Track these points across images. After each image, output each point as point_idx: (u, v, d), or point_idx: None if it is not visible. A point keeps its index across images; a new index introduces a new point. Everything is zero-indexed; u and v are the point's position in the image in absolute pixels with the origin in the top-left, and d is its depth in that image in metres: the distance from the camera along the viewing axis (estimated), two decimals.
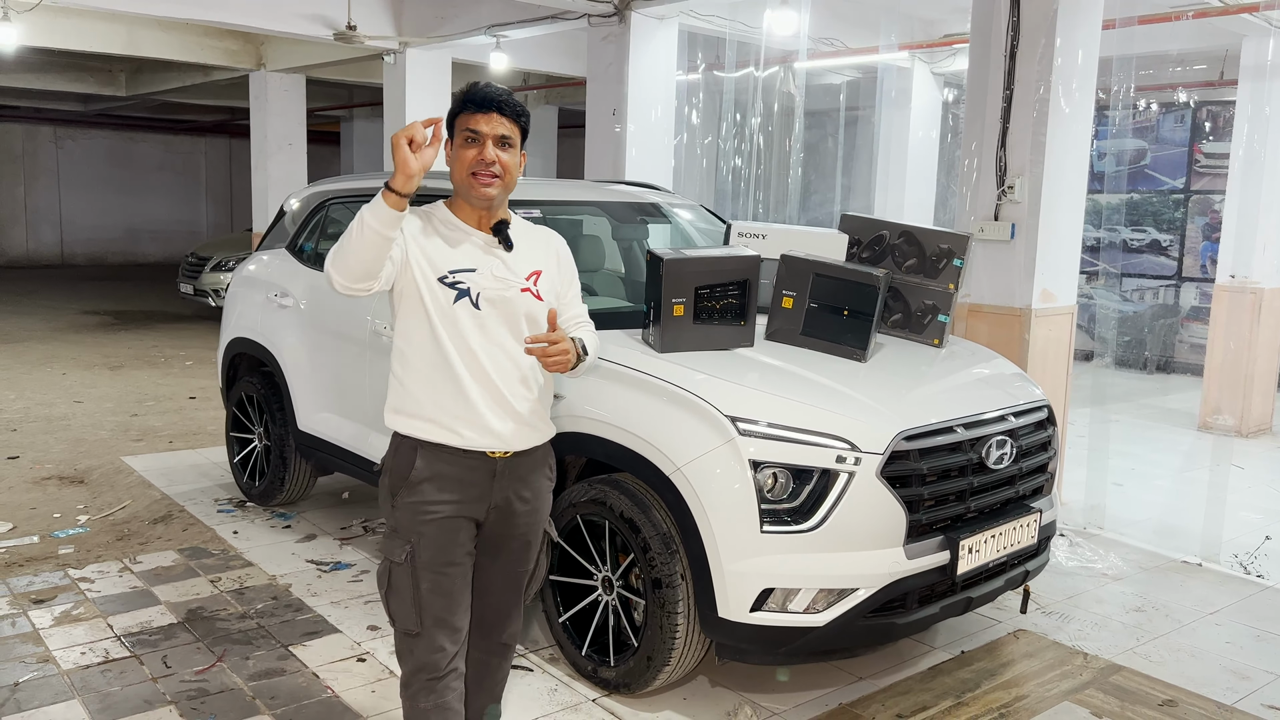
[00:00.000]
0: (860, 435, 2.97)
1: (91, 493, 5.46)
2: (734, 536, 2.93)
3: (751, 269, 3.37)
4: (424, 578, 2.38)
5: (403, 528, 2.40)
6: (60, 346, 10.29)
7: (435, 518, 2.38)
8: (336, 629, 3.76)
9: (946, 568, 3.11)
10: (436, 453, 2.39)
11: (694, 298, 3.28)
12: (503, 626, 2.64)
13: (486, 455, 2.41)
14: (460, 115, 2.39)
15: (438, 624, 2.39)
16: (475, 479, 2.41)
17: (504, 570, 2.57)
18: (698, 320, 3.31)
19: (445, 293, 2.37)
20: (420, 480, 2.38)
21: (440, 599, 2.39)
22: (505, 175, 2.39)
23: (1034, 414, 3.50)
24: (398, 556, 2.39)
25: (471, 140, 2.37)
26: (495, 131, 2.37)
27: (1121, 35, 6.20)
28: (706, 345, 3.34)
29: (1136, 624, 4.03)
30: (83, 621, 3.77)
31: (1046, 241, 5.23)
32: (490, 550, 2.53)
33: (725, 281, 3.32)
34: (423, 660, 2.40)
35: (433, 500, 2.38)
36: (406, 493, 2.39)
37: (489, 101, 2.36)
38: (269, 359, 4.95)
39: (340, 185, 5.04)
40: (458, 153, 2.39)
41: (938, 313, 3.78)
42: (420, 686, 2.41)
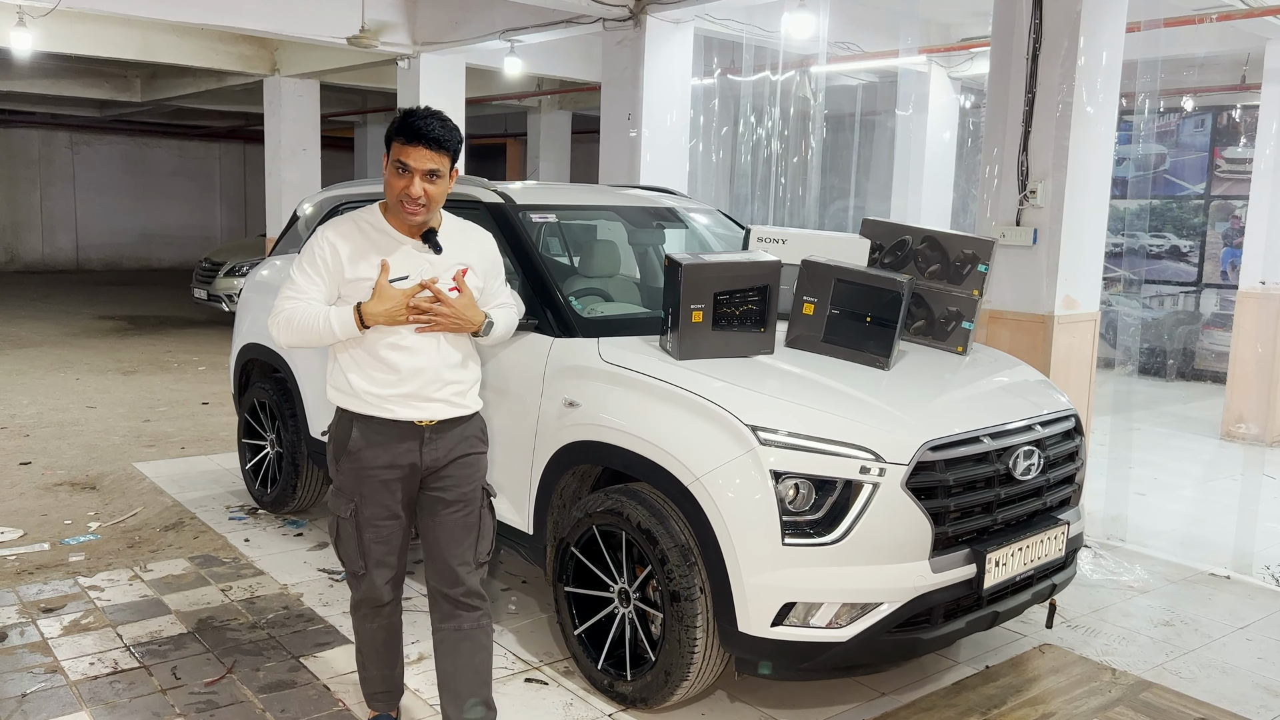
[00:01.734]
0: (885, 445, 2.89)
1: (103, 499, 5.42)
2: (755, 549, 2.86)
3: (772, 275, 3.29)
4: (365, 529, 2.77)
5: (346, 488, 2.78)
6: (74, 351, 10.29)
7: (373, 479, 2.73)
8: (348, 640, 3.70)
9: (973, 581, 3.03)
10: (370, 424, 2.73)
11: (713, 304, 3.21)
12: (456, 581, 2.83)
13: (414, 424, 2.73)
14: (393, 142, 2.64)
15: (379, 565, 2.82)
16: (405, 445, 2.74)
17: (446, 526, 2.82)
18: (717, 327, 3.24)
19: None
20: (359, 448, 2.73)
21: (380, 545, 2.79)
22: (431, 204, 2.68)
23: (1061, 423, 3.42)
24: (344, 513, 2.78)
25: (402, 170, 2.63)
26: (422, 166, 2.62)
27: (1143, 39, 6.10)
28: (726, 352, 3.26)
29: (1165, 638, 3.93)
30: (92, 631, 3.72)
31: (1069, 247, 5.14)
32: (430, 510, 2.82)
33: (745, 287, 3.25)
34: (368, 594, 2.86)
35: (370, 465, 2.73)
36: (348, 459, 2.74)
37: (418, 136, 2.60)
38: (281, 365, 4.91)
39: (354, 190, 4.99)
40: (389, 177, 2.66)
41: (961, 319, 3.70)
42: (367, 612, 2.90)
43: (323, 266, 2.71)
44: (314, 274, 2.72)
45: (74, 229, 20.78)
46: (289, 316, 2.70)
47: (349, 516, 2.77)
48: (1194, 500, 6.08)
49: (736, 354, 3.28)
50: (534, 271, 3.67)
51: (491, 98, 12.87)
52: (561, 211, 4.24)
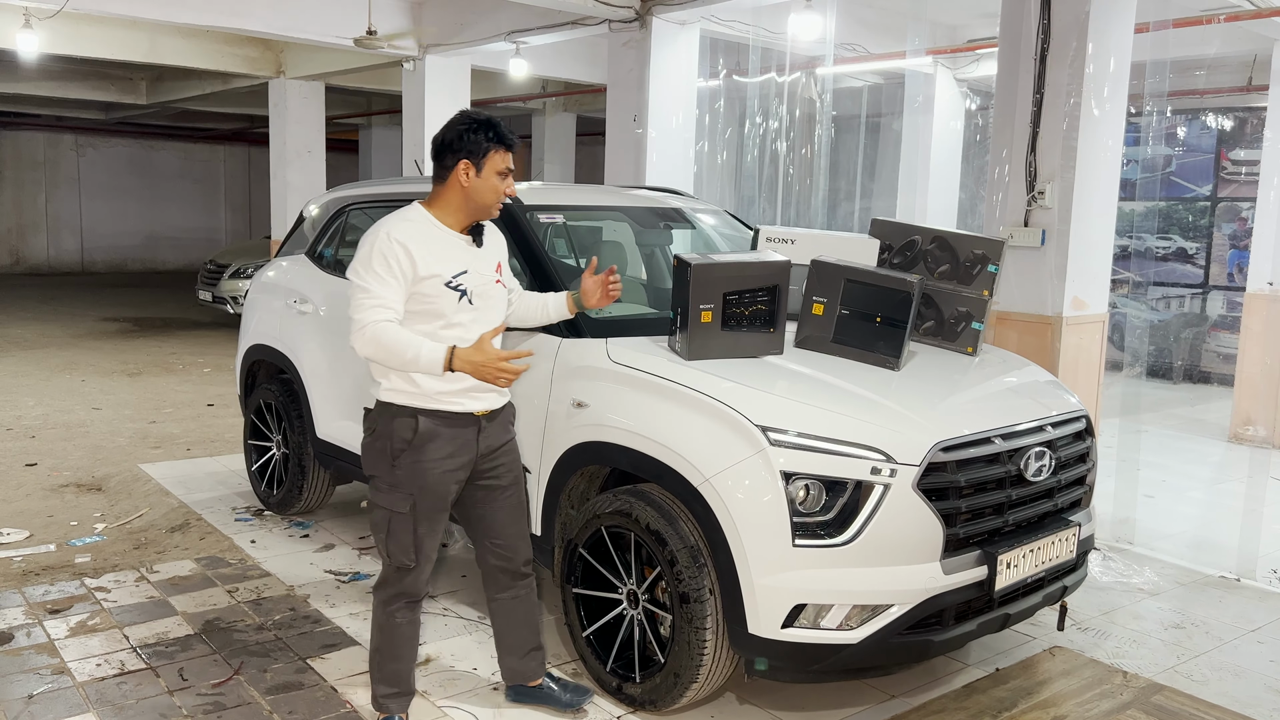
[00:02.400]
0: (896, 446, 2.88)
1: (109, 500, 5.41)
2: (765, 550, 2.84)
3: (781, 274, 3.27)
4: (421, 522, 2.87)
5: (404, 483, 2.85)
6: (80, 353, 10.30)
7: (433, 473, 2.85)
8: (355, 641, 3.69)
9: (984, 583, 3.01)
10: (435, 418, 2.83)
11: (722, 304, 3.19)
12: (520, 554, 3.11)
13: (473, 415, 2.89)
14: (495, 151, 2.83)
15: (427, 559, 2.94)
16: (465, 436, 2.89)
17: (505, 505, 3.05)
18: (726, 327, 3.22)
19: (450, 294, 2.83)
20: (423, 442, 2.82)
21: (431, 539, 2.92)
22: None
23: (1072, 424, 3.40)
24: (403, 507, 2.85)
25: (505, 174, 2.87)
26: (515, 166, 2.90)
27: (1150, 40, 6.09)
28: (735, 353, 3.24)
29: (1176, 641, 3.91)
30: (99, 632, 3.71)
31: (1078, 248, 5.13)
32: (487, 499, 3.02)
33: (754, 287, 3.23)
34: (409, 588, 2.96)
35: (433, 458, 2.84)
36: (410, 454, 2.82)
37: (512, 144, 2.88)
38: (288, 366, 4.90)
39: (360, 191, 4.99)
40: (488, 181, 2.84)
41: (971, 320, 3.68)
42: (401, 606, 2.98)
43: (397, 269, 2.75)
44: (390, 278, 2.75)
45: (79, 231, 20.82)
46: (376, 335, 2.72)
47: (408, 511, 2.85)
48: (1203, 503, 6.05)
49: (746, 354, 3.26)
50: (541, 272, 3.66)
51: (496, 100, 12.88)
52: (568, 212, 4.23)
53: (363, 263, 2.78)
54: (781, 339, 3.32)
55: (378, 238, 2.78)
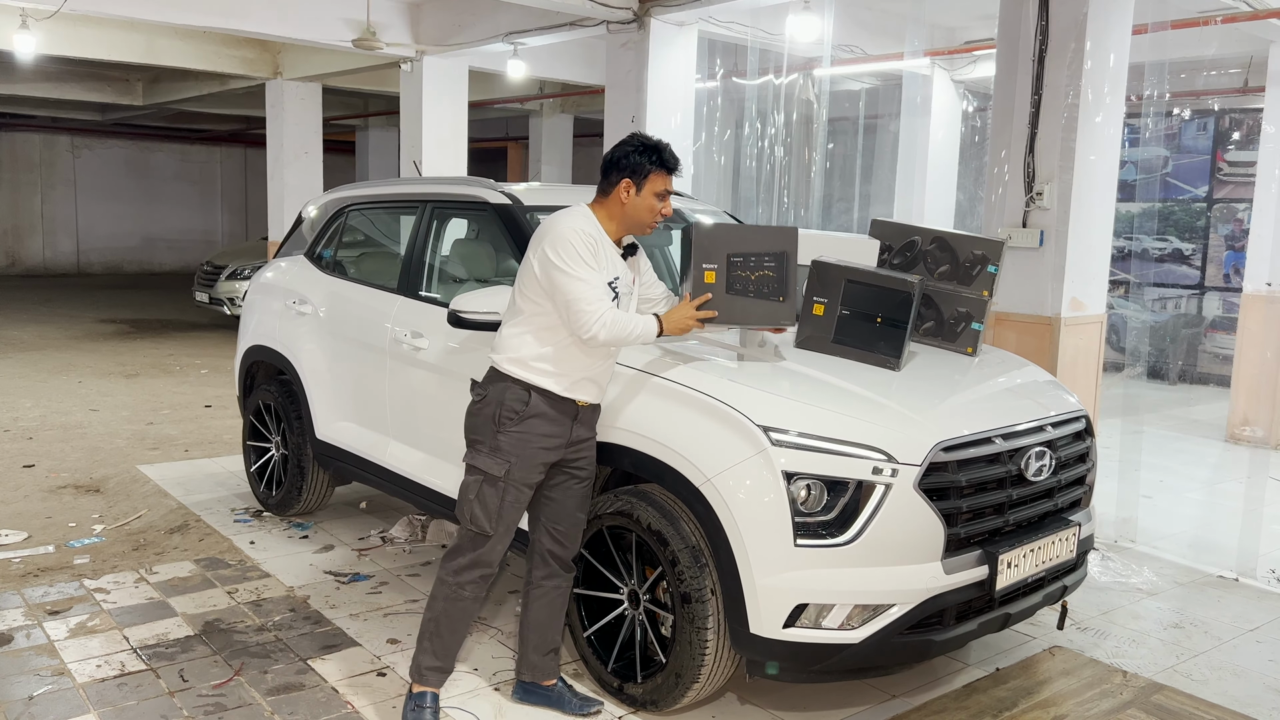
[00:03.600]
0: (897, 446, 2.88)
1: (107, 502, 5.40)
2: (766, 550, 2.84)
3: (789, 241, 3.15)
4: (509, 491, 3.01)
5: (504, 450, 3.00)
6: (77, 355, 10.28)
7: (532, 446, 3.00)
8: (356, 642, 3.69)
9: (985, 583, 3.01)
10: (546, 397, 3.00)
11: (726, 265, 3.10)
12: (574, 544, 3.21)
13: (575, 403, 3.04)
14: (656, 173, 3.01)
15: (507, 531, 3.05)
16: (565, 421, 3.04)
17: (575, 495, 3.16)
18: (731, 291, 3.11)
19: (608, 293, 2.99)
20: (530, 416, 2.99)
21: (513, 512, 3.04)
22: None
23: (1072, 424, 3.41)
24: (498, 471, 3.00)
25: (663, 196, 3.04)
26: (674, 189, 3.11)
27: (1148, 41, 6.10)
28: (742, 319, 3.14)
29: (1175, 641, 3.92)
30: (98, 633, 3.71)
31: (1076, 249, 5.14)
32: (563, 482, 3.13)
33: (760, 251, 3.13)
34: (485, 556, 3.06)
35: (534, 432, 3.00)
36: (516, 423, 2.99)
37: (675, 168, 3.05)
38: (287, 367, 4.90)
39: (359, 192, 4.99)
40: (647, 200, 3.02)
41: (971, 320, 3.69)
42: (472, 579, 3.07)
43: (592, 258, 2.94)
44: (595, 264, 2.95)
45: (75, 233, 20.77)
46: (612, 321, 2.91)
47: (502, 475, 2.98)
48: (1201, 503, 6.06)
49: (751, 322, 3.16)
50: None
51: (493, 101, 12.88)
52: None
53: (568, 256, 2.91)
54: (793, 309, 3.17)
55: (573, 232, 2.93)
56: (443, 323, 3.61)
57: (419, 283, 4.29)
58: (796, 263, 3.15)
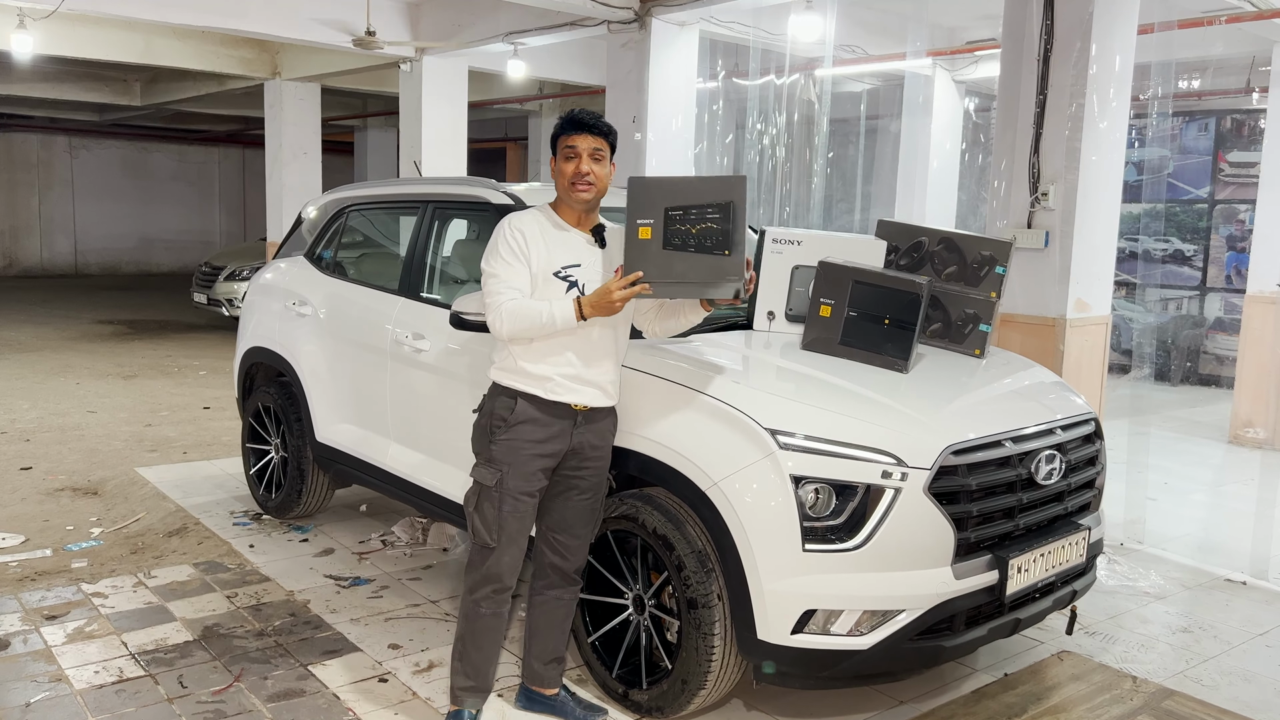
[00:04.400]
0: (906, 450, 2.84)
1: (105, 504, 5.36)
2: (774, 555, 2.80)
3: (735, 190, 2.78)
4: (506, 501, 2.92)
5: (497, 458, 2.93)
6: (74, 356, 10.23)
7: (523, 454, 2.91)
8: (357, 647, 3.65)
9: (995, 588, 2.98)
10: (533, 401, 2.92)
11: (664, 219, 2.77)
12: (576, 557, 3.10)
13: (570, 407, 2.93)
14: (560, 136, 2.92)
15: (510, 541, 2.96)
16: (560, 426, 2.94)
17: (578, 507, 3.05)
18: (669, 246, 2.77)
19: (560, 285, 2.90)
20: (517, 422, 2.91)
21: (514, 520, 2.94)
22: (598, 183, 2.91)
23: (1081, 427, 3.37)
24: (489, 480, 2.92)
25: (570, 156, 2.89)
26: (587, 146, 2.89)
27: (1155, 41, 6.07)
28: (677, 277, 2.77)
29: (1184, 645, 3.88)
30: (96, 639, 3.66)
31: (1081, 249, 5.10)
32: (564, 492, 3.02)
33: (702, 203, 2.77)
34: (492, 570, 2.98)
35: (523, 439, 2.91)
36: (504, 431, 2.91)
37: (582, 124, 2.90)
38: (287, 369, 4.86)
39: (359, 192, 4.95)
40: (560, 166, 2.91)
41: (979, 322, 3.66)
42: (486, 595, 3.00)
43: (519, 252, 2.87)
44: (514, 261, 2.87)
45: (72, 233, 20.72)
46: (512, 311, 2.82)
47: (494, 485, 2.91)
48: (1206, 505, 6.03)
49: (697, 281, 2.77)
50: None
51: (493, 101, 12.84)
52: None
53: (490, 252, 2.91)
54: (740, 264, 2.77)
55: (500, 227, 2.92)
56: (444, 324, 3.57)
57: (420, 284, 4.25)
58: (745, 214, 2.79)
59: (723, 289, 2.79)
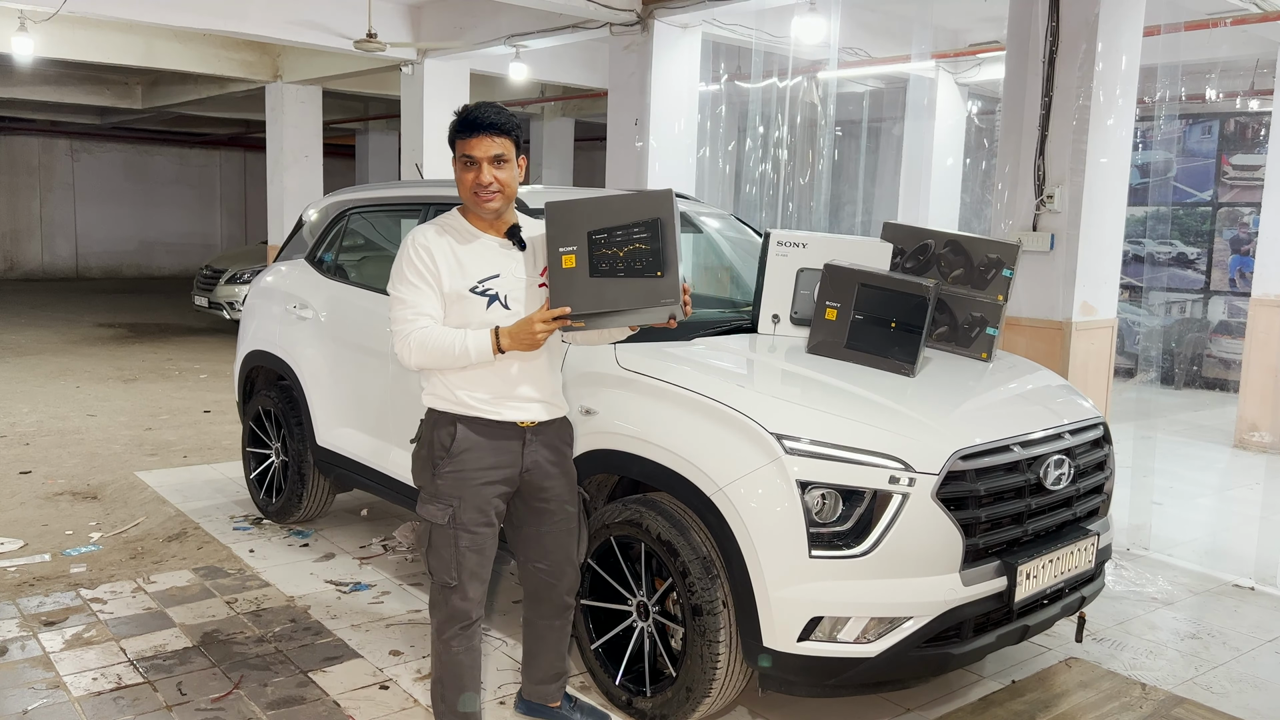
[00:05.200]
0: (914, 454, 2.81)
1: (105, 509, 5.33)
2: (780, 561, 2.77)
3: (661, 206, 2.57)
4: (462, 536, 2.71)
5: (444, 493, 2.71)
6: (74, 359, 10.20)
7: (473, 483, 2.70)
8: (358, 654, 3.61)
9: (1003, 594, 2.94)
10: (474, 425, 2.71)
11: (588, 244, 2.57)
12: (563, 583, 2.94)
13: (517, 425, 2.74)
14: (455, 140, 2.65)
15: (471, 577, 2.74)
16: (508, 447, 2.74)
17: (553, 535, 2.88)
18: (597, 274, 2.57)
19: (478, 301, 2.68)
20: (460, 451, 2.69)
21: (474, 554, 2.73)
22: (504, 189, 2.67)
23: (1090, 431, 3.34)
24: (440, 519, 2.70)
25: (469, 164, 2.63)
26: (488, 154, 2.62)
27: (1161, 43, 6.05)
28: (609, 305, 2.58)
29: (1193, 651, 3.84)
30: (94, 645, 3.63)
31: (1087, 252, 5.07)
32: (535, 519, 2.86)
33: (627, 223, 2.57)
34: (457, 608, 2.74)
35: (471, 468, 2.70)
36: (447, 463, 2.69)
37: (478, 126, 2.61)
38: (287, 372, 4.83)
39: (360, 195, 4.92)
40: (459, 174, 2.66)
41: (985, 325, 3.62)
42: (454, 633, 2.76)
43: (427, 274, 2.65)
44: (421, 284, 2.66)
45: (74, 237, 20.70)
46: (421, 341, 2.62)
47: (446, 523, 2.70)
48: (1212, 509, 5.99)
49: (630, 306, 2.59)
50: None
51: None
52: None
53: (396, 274, 2.70)
54: (675, 285, 2.57)
55: (405, 246, 2.70)
56: None
57: None
58: (676, 230, 2.58)
59: (657, 313, 2.60)
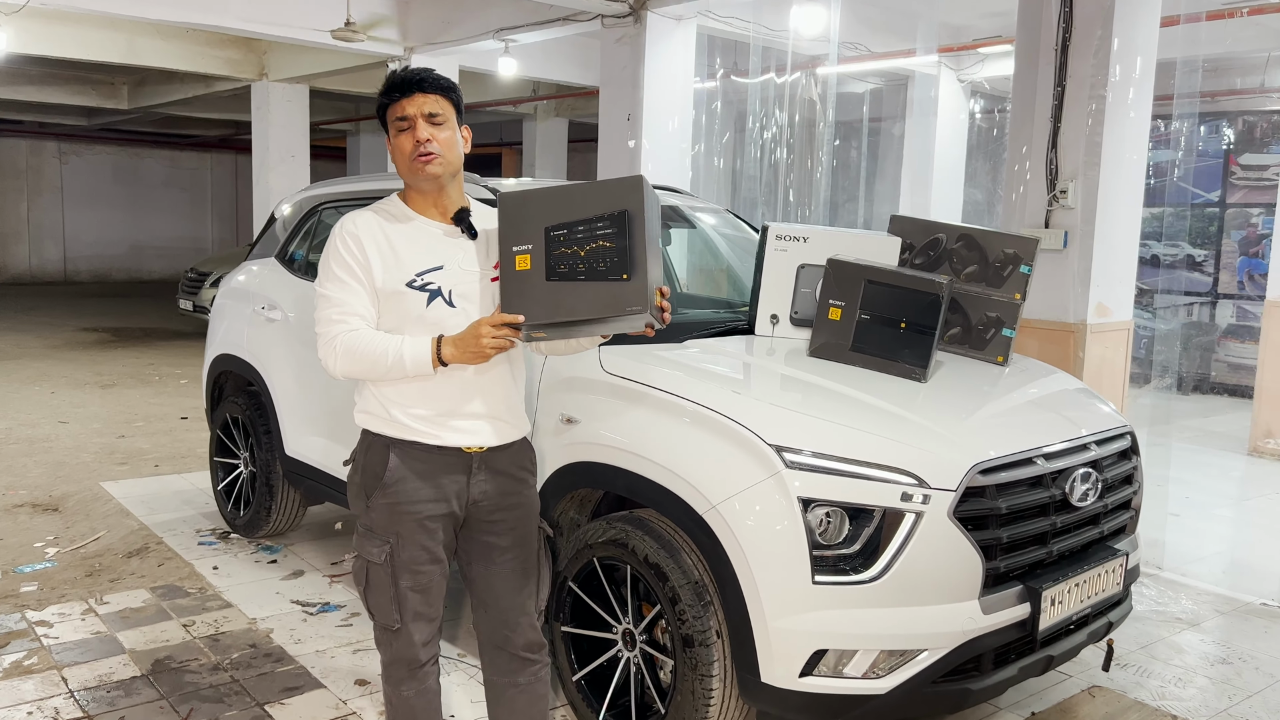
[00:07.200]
0: (929, 469, 2.53)
1: (64, 522, 5.03)
2: (781, 588, 2.49)
3: (631, 194, 2.14)
4: (402, 576, 2.34)
5: (379, 528, 2.34)
6: (53, 364, 9.91)
7: (413, 517, 2.32)
8: (320, 684, 3.32)
9: (1026, 622, 2.66)
10: (411, 450, 2.31)
11: (545, 242, 2.15)
12: (515, 638, 2.47)
13: (462, 451, 2.33)
14: (389, 108, 2.31)
15: (416, 618, 2.37)
16: (451, 477, 2.33)
17: (503, 576, 2.44)
18: (555, 277, 2.14)
19: (417, 297, 2.28)
20: (395, 480, 2.31)
21: (417, 595, 2.36)
22: (446, 152, 2.29)
23: (1117, 441, 3.06)
24: (377, 557, 2.33)
25: (404, 127, 2.28)
26: (423, 110, 2.27)
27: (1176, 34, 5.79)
28: (567, 314, 2.14)
29: (1224, 678, 3.56)
30: (34, 674, 3.33)
31: (1102, 251, 4.81)
32: (483, 557, 2.43)
33: (589, 217, 2.14)
34: (403, 653, 2.40)
35: (409, 500, 2.31)
36: (381, 493, 2.32)
37: (409, 84, 2.28)
38: (255, 377, 4.54)
39: (334, 189, 4.64)
40: (396, 144, 2.30)
41: (1001, 326, 3.35)
42: (403, 675, 2.42)
43: (356, 266, 2.26)
44: (349, 279, 2.26)
45: (62, 240, 20.41)
46: (348, 347, 2.23)
47: (383, 562, 2.32)
48: (1231, 521, 5.71)
49: (592, 315, 2.15)
50: None
51: (486, 103, 12.55)
52: None
53: (322, 267, 2.32)
54: (643, 289, 2.12)
55: (332, 234, 2.32)
56: None
57: None
58: (648, 226, 2.16)
59: (625, 322, 2.16)
